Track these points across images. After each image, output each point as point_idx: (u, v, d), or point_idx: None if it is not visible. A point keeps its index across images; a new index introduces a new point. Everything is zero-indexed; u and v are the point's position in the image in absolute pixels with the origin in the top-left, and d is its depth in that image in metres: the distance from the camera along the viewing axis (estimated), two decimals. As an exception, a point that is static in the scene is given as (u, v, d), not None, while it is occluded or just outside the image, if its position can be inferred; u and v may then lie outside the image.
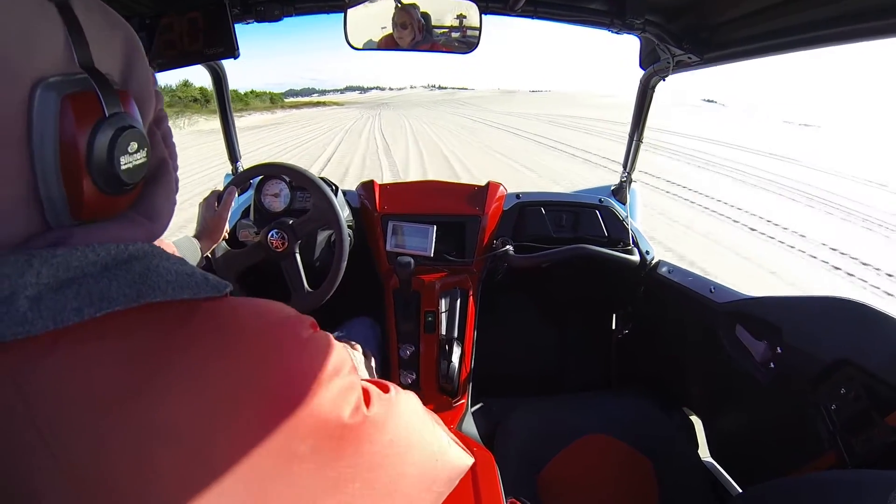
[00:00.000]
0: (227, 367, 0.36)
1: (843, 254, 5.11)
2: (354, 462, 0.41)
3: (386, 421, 0.45)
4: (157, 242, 0.99)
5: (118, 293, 0.34)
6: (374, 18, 1.16)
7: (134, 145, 0.39)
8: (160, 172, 0.48)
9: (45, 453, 0.30)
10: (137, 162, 0.39)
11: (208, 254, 1.22)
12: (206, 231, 1.20)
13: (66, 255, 0.33)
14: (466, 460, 0.62)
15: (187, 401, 0.33)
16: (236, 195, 1.27)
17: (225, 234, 1.27)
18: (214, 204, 1.22)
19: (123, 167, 0.38)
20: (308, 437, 0.38)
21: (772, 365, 1.12)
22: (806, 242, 5.54)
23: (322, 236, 1.47)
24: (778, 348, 1.10)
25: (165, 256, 0.39)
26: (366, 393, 0.45)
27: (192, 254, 1.12)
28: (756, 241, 5.59)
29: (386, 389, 0.49)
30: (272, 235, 1.31)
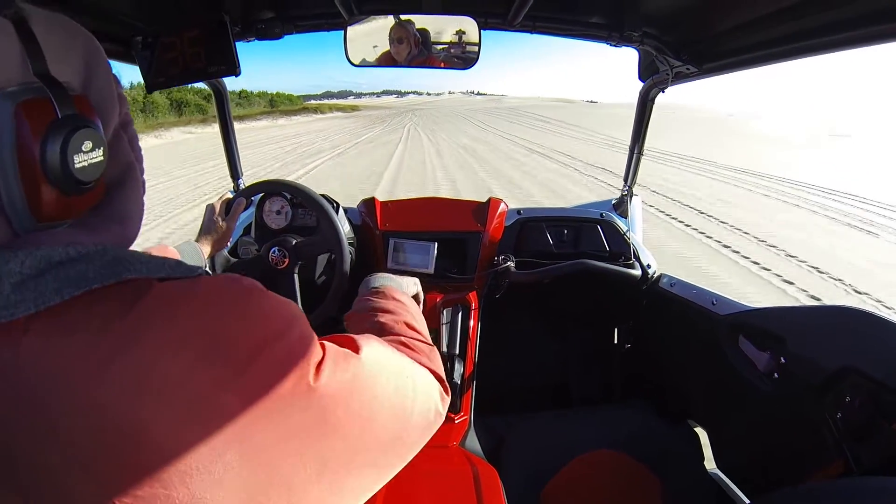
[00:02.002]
0: (186, 334, 0.37)
1: None
2: (312, 415, 0.42)
3: (343, 377, 0.45)
4: (160, 249, 1.00)
5: (95, 274, 0.36)
6: (373, 35, 1.17)
7: (88, 144, 0.40)
8: (127, 176, 0.48)
9: (41, 427, 0.33)
10: (94, 160, 0.40)
11: (208, 259, 1.22)
12: (210, 238, 1.19)
13: (48, 250, 0.35)
14: (441, 398, 0.61)
15: (158, 363, 0.35)
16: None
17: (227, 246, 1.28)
18: (223, 212, 1.23)
19: (78, 165, 0.39)
20: (273, 385, 0.39)
21: (776, 375, 1.11)
22: None
23: (324, 255, 1.47)
24: (782, 358, 1.10)
25: (140, 252, 0.42)
26: (322, 349, 0.44)
27: (196, 259, 1.11)
28: None
29: (355, 349, 0.48)
30: (273, 252, 1.31)
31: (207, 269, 1.27)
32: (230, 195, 1.30)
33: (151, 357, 0.35)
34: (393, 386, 0.52)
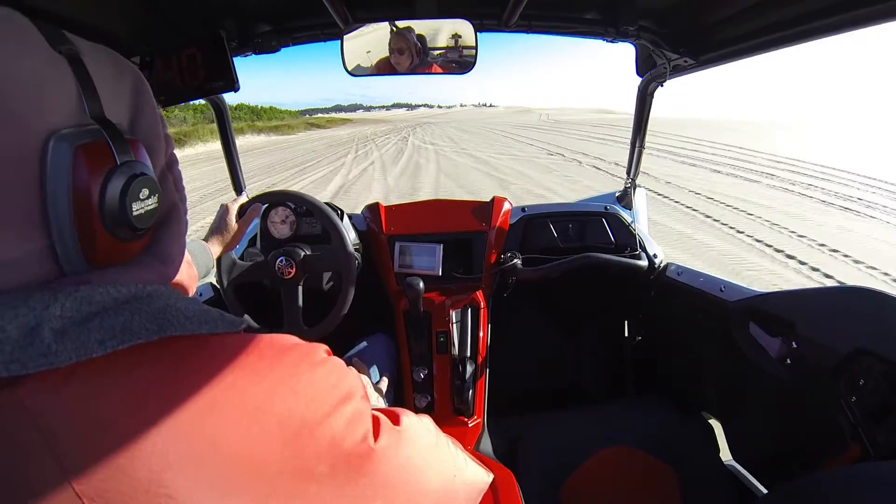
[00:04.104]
0: (242, 393, 0.37)
1: None
2: (372, 481, 0.43)
3: (399, 446, 0.47)
4: None
5: (140, 327, 0.35)
6: (371, 44, 1.17)
7: (145, 192, 0.40)
8: (172, 216, 0.48)
9: (65, 486, 0.31)
10: (149, 208, 0.41)
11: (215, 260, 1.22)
12: (219, 238, 1.19)
13: (89, 290, 0.34)
14: (485, 476, 0.64)
15: (204, 427, 0.34)
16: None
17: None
18: (235, 214, 1.22)
19: (135, 213, 0.39)
20: (324, 457, 0.39)
21: (788, 360, 1.11)
22: None
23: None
24: (793, 343, 1.09)
25: (181, 297, 0.41)
26: (376, 422, 0.46)
27: (204, 258, 1.11)
28: None
29: (397, 421, 0.50)
30: (280, 261, 1.32)
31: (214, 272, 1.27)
32: (246, 198, 1.30)
33: (195, 424, 0.34)
34: (434, 443, 0.55)
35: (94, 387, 0.33)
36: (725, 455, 1.38)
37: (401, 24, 1.15)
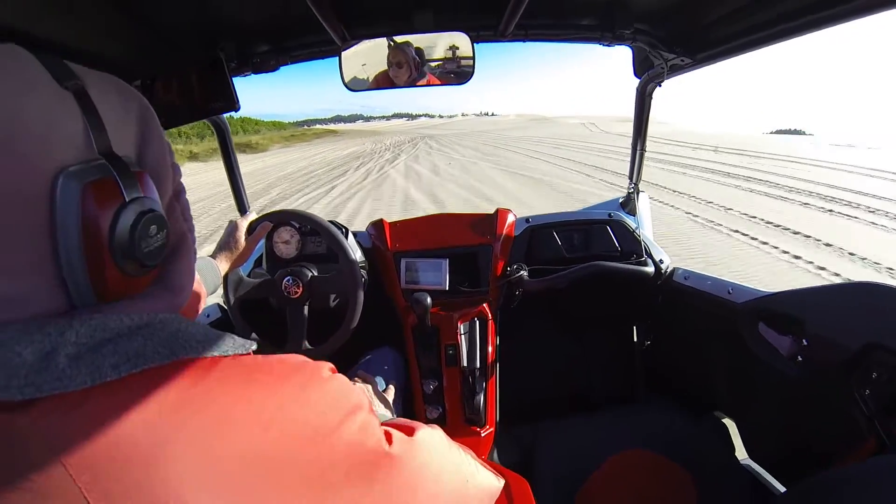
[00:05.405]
0: (255, 406, 0.37)
1: None
2: (387, 487, 0.43)
3: (412, 452, 0.48)
4: None
5: (153, 351, 0.35)
6: (369, 59, 1.18)
7: (154, 228, 0.40)
8: (181, 246, 0.48)
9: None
10: (158, 244, 0.41)
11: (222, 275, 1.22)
12: (228, 255, 1.19)
13: (103, 318, 0.35)
14: (496, 482, 0.65)
15: (220, 441, 0.35)
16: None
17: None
18: (244, 232, 1.22)
19: (145, 250, 0.39)
20: (340, 464, 0.40)
21: (799, 358, 1.10)
22: None
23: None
24: (803, 340, 1.09)
25: (192, 322, 0.41)
26: (387, 433, 0.47)
27: (212, 275, 1.12)
28: None
29: (408, 431, 0.51)
30: (287, 281, 1.32)
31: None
32: (255, 215, 1.31)
33: (210, 440, 0.34)
34: (446, 449, 0.56)
35: (108, 409, 0.33)
36: (741, 454, 1.37)
37: (398, 38, 1.16)
